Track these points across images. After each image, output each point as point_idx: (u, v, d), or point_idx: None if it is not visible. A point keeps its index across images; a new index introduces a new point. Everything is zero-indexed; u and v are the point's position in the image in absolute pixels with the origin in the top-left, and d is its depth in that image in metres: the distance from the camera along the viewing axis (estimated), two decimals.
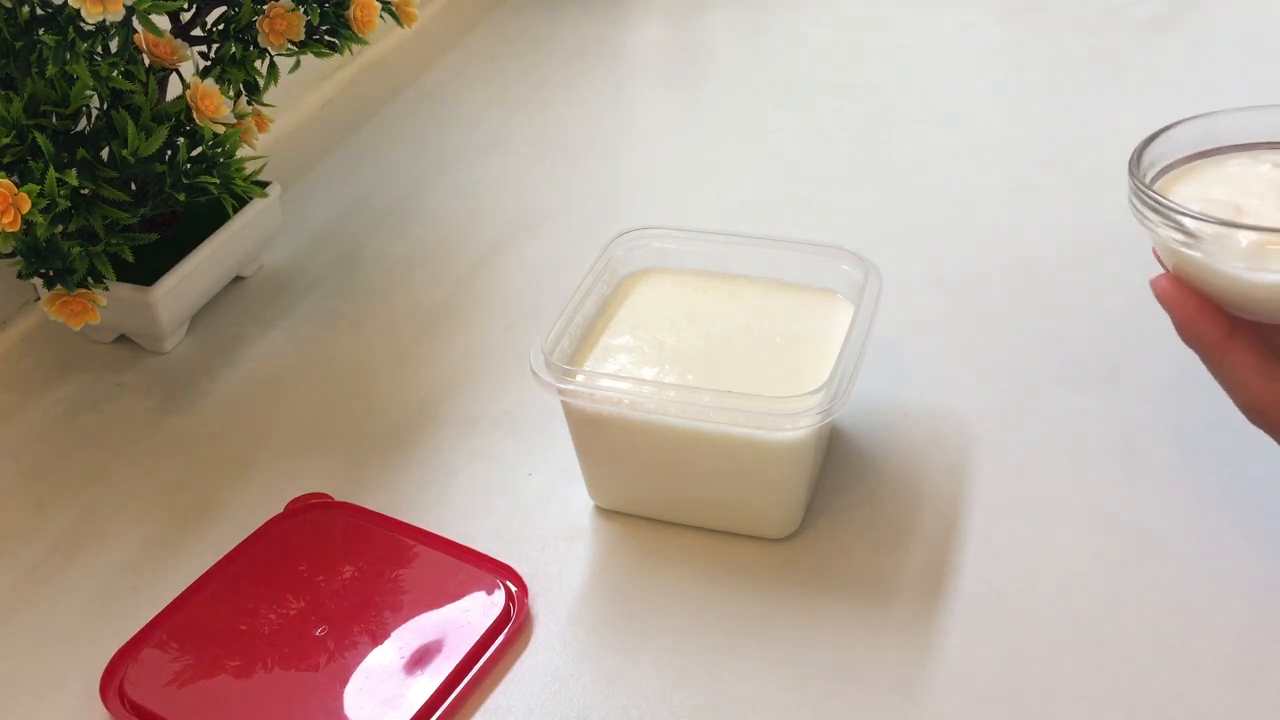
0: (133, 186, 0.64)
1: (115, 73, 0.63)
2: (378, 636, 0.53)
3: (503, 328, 0.73)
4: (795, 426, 0.52)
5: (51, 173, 0.58)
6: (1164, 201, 0.46)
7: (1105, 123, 0.87)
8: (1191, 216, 0.45)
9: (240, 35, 0.68)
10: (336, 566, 0.56)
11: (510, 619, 0.53)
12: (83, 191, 0.62)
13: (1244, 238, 0.44)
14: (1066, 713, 0.49)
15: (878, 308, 0.57)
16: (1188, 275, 0.47)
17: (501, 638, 0.53)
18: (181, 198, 0.65)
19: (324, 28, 0.70)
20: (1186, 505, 0.57)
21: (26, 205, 0.57)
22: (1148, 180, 0.49)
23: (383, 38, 1.05)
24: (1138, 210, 0.48)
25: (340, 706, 0.50)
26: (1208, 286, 0.47)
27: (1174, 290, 0.47)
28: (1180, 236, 0.46)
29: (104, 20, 0.57)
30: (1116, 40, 0.99)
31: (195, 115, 0.63)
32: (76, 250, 0.62)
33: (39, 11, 0.60)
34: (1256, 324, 0.48)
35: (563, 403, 0.56)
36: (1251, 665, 0.50)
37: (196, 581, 0.56)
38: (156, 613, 0.55)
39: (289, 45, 0.69)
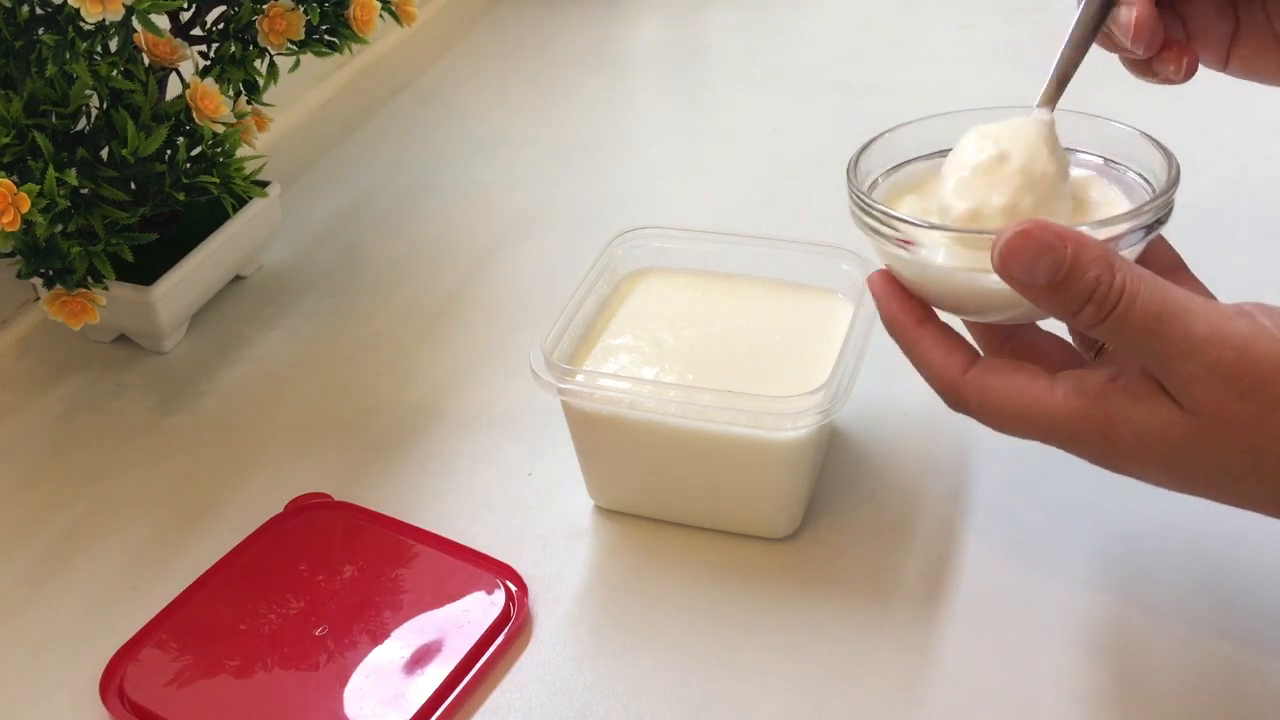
0: (132, 186, 0.64)
1: (115, 72, 0.63)
2: (378, 636, 0.53)
3: (503, 328, 0.73)
4: (795, 426, 0.52)
5: (51, 172, 0.58)
6: (879, 208, 0.46)
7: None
8: (903, 220, 0.45)
9: (240, 35, 0.68)
10: (336, 566, 0.56)
11: (510, 619, 0.53)
12: (82, 191, 0.62)
13: (939, 236, 0.45)
14: (1066, 713, 0.49)
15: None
16: (904, 278, 0.48)
17: (501, 638, 0.53)
18: (181, 197, 0.65)
19: (324, 27, 0.70)
20: (1186, 504, 0.57)
21: (26, 205, 0.57)
22: (866, 186, 0.49)
23: (383, 37, 1.05)
24: (856, 217, 0.48)
25: (340, 706, 0.50)
26: (922, 289, 0.47)
27: (881, 283, 0.48)
28: (895, 241, 0.46)
29: (104, 20, 0.56)
30: None
31: (195, 115, 0.63)
32: (76, 250, 0.62)
33: (39, 11, 0.60)
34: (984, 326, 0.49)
35: (563, 402, 0.56)
36: (1252, 666, 0.50)
37: (196, 581, 0.56)
38: (156, 613, 0.55)
39: (289, 45, 0.69)
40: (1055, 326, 0.47)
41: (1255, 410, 0.40)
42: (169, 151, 0.65)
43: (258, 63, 0.70)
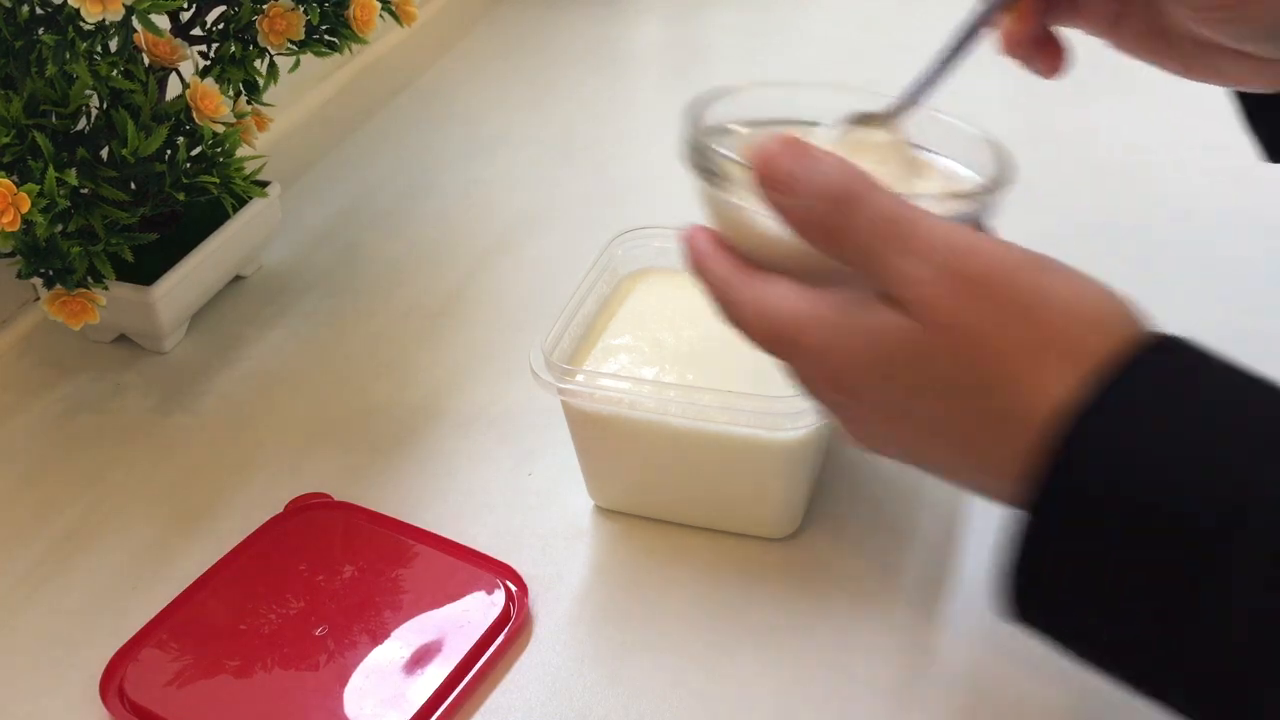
0: (132, 186, 0.64)
1: (115, 72, 0.63)
2: (378, 636, 0.53)
3: (503, 328, 0.73)
4: (795, 426, 0.52)
5: (51, 172, 0.58)
6: (700, 140, 0.46)
7: (1105, 123, 0.87)
8: (716, 151, 0.45)
9: (240, 35, 0.68)
10: (336, 566, 0.56)
11: (510, 619, 0.53)
12: (82, 191, 0.62)
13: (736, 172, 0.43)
14: (1067, 712, 0.49)
15: None
16: (716, 224, 0.47)
17: (501, 638, 0.53)
18: (181, 197, 0.65)
19: (324, 27, 0.70)
20: None
21: (26, 205, 0.57)
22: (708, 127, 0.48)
23: (383, 37, 1.04)
24: (684, 156, 0.47)
25: (340, 706, 0.50)
26: (725, 230, 0.46)
27: (693, 230, 0.47)
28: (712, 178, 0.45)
29: (104, 20, 0.56)
30: None
31: (195, 115, 0.63)
32: (76, 250, 0.62)
33: (39, 11, 0.60)
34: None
35: (563, 402, 0.56)
36: None
37: (196, 581, 0.56)
38: (156, 613, 0.55)
39: (289, 45, 0.69)
40: None
41: (984, 319, 0.37)
42: (169, 151, 0.65)
43: (258, 63, 0.70)
